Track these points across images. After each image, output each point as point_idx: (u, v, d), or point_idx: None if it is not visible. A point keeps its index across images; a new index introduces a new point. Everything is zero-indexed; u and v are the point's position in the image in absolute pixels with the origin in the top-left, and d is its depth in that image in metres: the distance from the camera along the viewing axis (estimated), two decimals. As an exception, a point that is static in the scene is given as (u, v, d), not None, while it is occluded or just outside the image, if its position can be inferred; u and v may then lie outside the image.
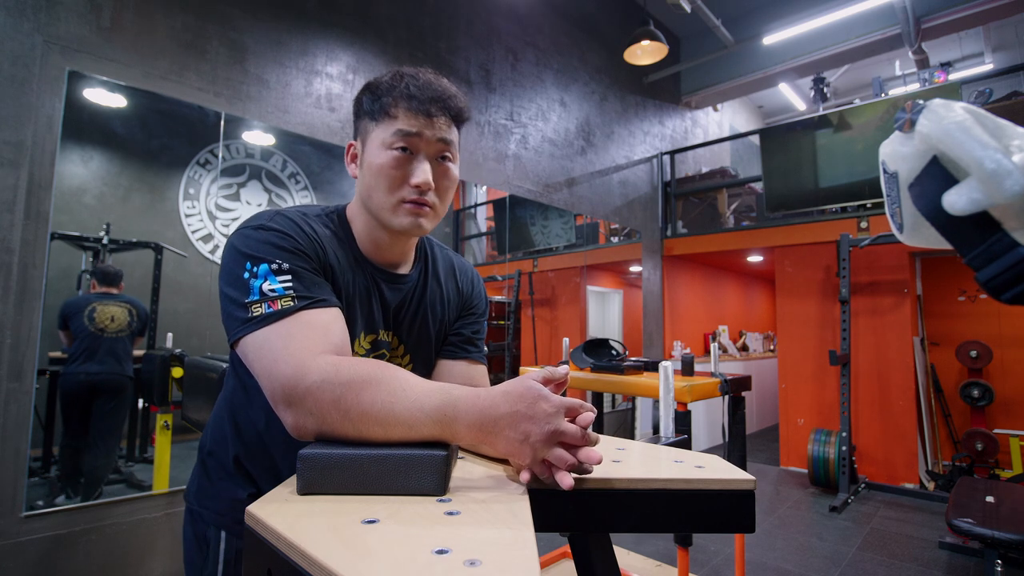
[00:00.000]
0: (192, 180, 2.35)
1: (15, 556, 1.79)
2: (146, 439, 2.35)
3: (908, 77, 6.25)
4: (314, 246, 0.71)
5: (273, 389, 0.59)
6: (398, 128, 0.71)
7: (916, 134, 0.68)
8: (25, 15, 1.89)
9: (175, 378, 2.15)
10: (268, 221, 0.69)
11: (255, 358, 0.62)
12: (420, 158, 0.73)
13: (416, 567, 0.36)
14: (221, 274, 0.68)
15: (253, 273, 0.64)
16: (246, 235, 0.68)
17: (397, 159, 0.72)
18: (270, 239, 0.67)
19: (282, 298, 0.63)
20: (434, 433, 0.55)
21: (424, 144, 0.72)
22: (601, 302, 5.47)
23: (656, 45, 3.97)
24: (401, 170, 0.72)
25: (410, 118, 0.71)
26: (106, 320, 2.18)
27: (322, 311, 0.65)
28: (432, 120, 0.72)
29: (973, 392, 4.14)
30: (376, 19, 3.03)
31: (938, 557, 2.75)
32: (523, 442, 0.53)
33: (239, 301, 0.64)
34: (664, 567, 2.31)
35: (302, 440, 0.59)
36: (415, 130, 0.71)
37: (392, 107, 0.72)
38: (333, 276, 0.73)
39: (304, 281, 0.66)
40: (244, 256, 0.66)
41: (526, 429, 0.53)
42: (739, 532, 0.62)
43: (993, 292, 0.64)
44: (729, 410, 2.41)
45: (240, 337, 0.63)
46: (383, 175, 0.72)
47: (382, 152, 0.72)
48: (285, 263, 0.65)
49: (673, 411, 1.48)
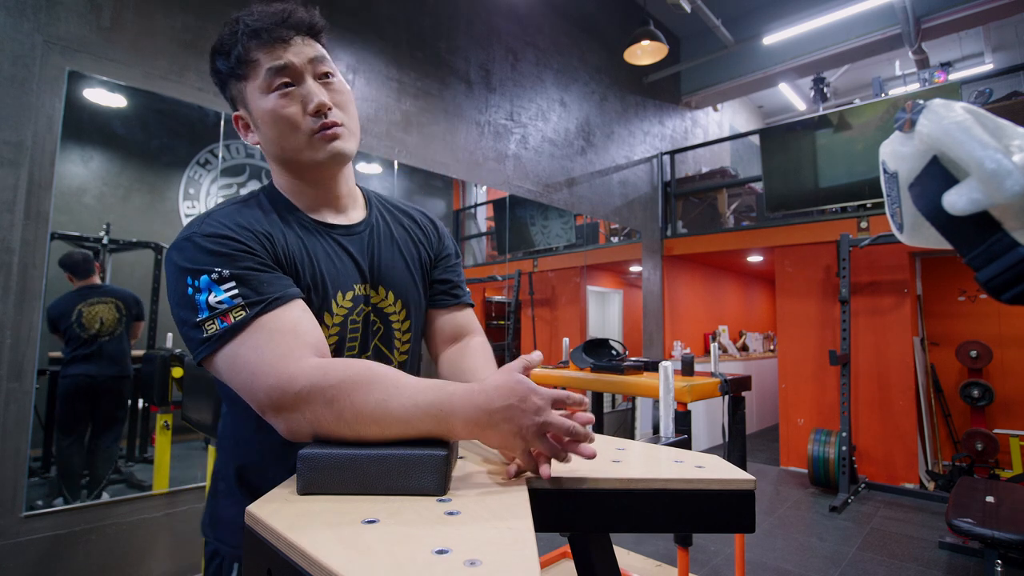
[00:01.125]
0: (192, 180, 2.35)
1: (15, 556, 1.79)
2: (146, 439, 2.35)
3: (908, 77, 6.25)
4: (253, 235, 0.67)
5: (260, 402, 0.58)
6: (267, 68, 0.68)
7: (916, 134, 0.68)
8: (25, 15, 1.89)
9: (175, 378, 2.14)
10: (199, 227, 0.65)
11: (230, 376, 0.60)
12: (304, 84, 0.70)
13: (416, 567, 0.36)
14: (168, 294, 0.65)
15: (196, 287, 0.61)
16: (181, 247, 0.64)
17: (283, 96, 0.69)
18: (205, 246, 0.63)
19: (232, 309, 0.60)
20: (430, 428, 0.55)
21: (298, 70, 0.69)
22: (601, 302, 5.47)
23: (656, 45, 3.97)
24: (293, 105, 0.69)
25: (269, 52, 0.68)
26: (95, 324, 2.15)
27: (282, 310, 0.62)
28: (290, 44, 0.69)
29: (973, 392, 4.14)
30: (376, 19, 3.03)
31: (938, 557, 2.75)
32: (516, 435, 0.55)
33: (190, 321, 0.61)
34: (664, 567, 2.31)
35: (297, 443, 0.58)
36: (284, 62, 0.68)
37: (247, 54, 0.68)
38: (285, 252, 0.70)
39: (251, 284, 0.62)
40: (183, 271, 0.62)
41: (519, 422, 0.55)
42: (739, 532, 0.62)
43: (993, 292, 0.64)
44: (729, 410, 2.41)
45: (204, 357, 0.61)
46: (279, 118, 0.69)
47: (265, 99, 0.69)
48: (225, 269, 0.62)
49: (673, 411, 1.48)
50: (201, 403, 1.59)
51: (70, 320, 2.10)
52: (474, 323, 0.91)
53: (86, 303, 2.14)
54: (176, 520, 2.16)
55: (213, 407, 1.51)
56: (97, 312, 2.16)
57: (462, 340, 0.88)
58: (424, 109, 3.25)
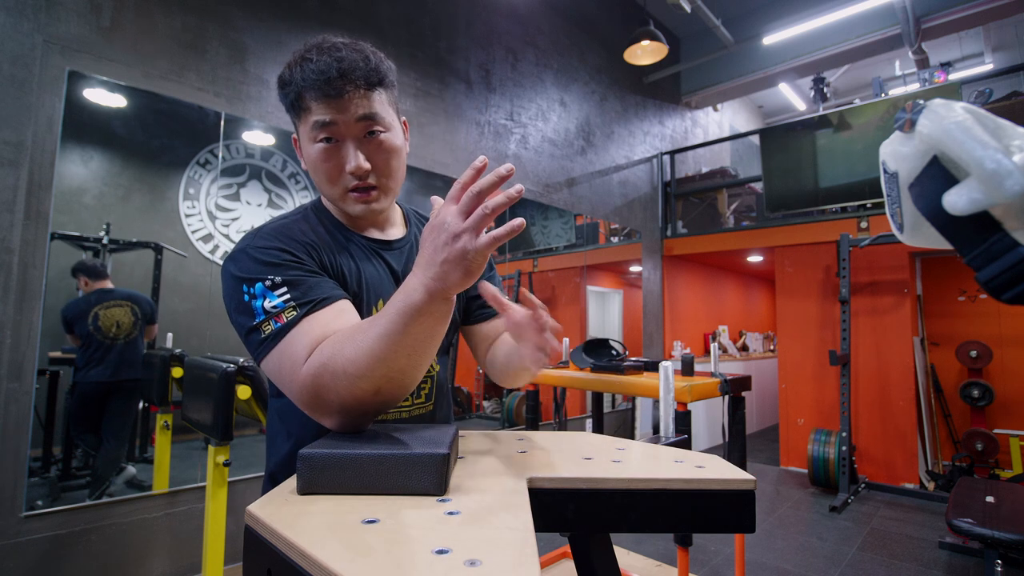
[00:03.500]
0: (192, 180, 2.35)
1: (15, 556, 1.79)
2: (146, 439, 2.34)
3: (908, 77, 6.25)
4: (303, 246, 0.71)
5: (298, 401, 0.62)
6: (314, 120, 0.69)
7: (916, 134, 0.68)
8: (25, 15, 1.89)
9: (175, 378, 2.14)
10: (252, 240, 0.70)
11: (277, 380, 0.64)
12: (346, 144, 0.70)
13: (416, 567, 0.36)
14: (226, 303, 0.69)
15: (252, 295, 0.65)
16: (236, 259, 0.69)
17: (325, 151, 0.71)
18: (258, 257, 0.68)
19: (284, 311, 0.64)
20: (414, 315, 0.54)
21: (343, 129, 0.70)
22: (601, 302, 5.47)
23: (656, 45, 3.97)
24: (332, 161, 0.71)
25: (321, 105, 0.68)
26: (112, 327, 2.16)
27: (327, 309, 0.65)
28: (345, 99, 0.68)
29: (973, 392, 4.14)
30: (376, 19, 3.03)
31: (938, 557, 2.75)
32: (461, 254, 0.51)
33: (248, 325, 0.65)
34: (664, 567, 2.31)
35: (347, 429, 0.62)
36: (329, 118, 0.69)
37: (302, 99, 0.69)
38: (332, 262, 0.74)
39: (301, 288, 0.66)
40: (239, 280, 0.67)
41: (443, 240, 0.52)
42: (739, 532, 0.62)
43: (993, 292, 0.64)
44: (729, 410, 2.41)
45: (262, 358, 0.65)
46: (318, 170, 0.73)
47: (311, 146, 0.71)
48: (278, 276, 0.66)
49: (673, 411, 1.48)
50: (201, 403, 1.59)
51: (85, 321, 2.10)
52: None
53: (102, 306, 2.15)
54: (176, 520, 2.16)
55: (213, 407, 1.51)
56: (114, 315, 2.17)
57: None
58: (424, 109, 3.25)
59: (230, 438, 1.53)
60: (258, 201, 2.55)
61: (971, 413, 4.21)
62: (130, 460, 2.31)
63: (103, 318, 2.14)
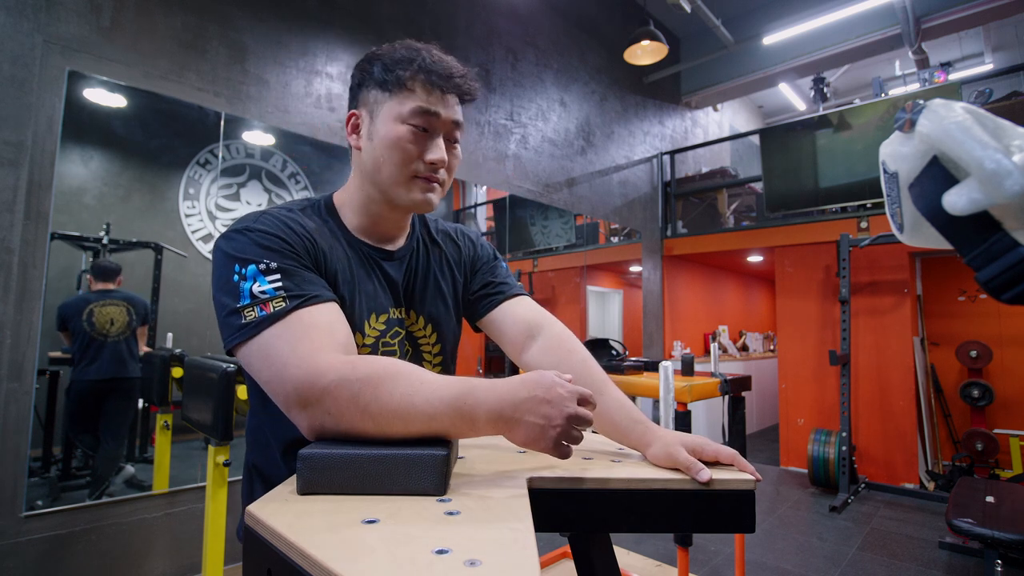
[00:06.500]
0: (192, 180, 2.35)
1: (15, 556, 1.79)
2: (146, 439, 2.34)
3: (908, 77, 6.25)
4: (303, 241, 0.70)
5: (286, 393, 0.59)
6: (417, 105, 0.71)
7: (916, 134, 0.68)
8: (25, 15, 1.89)
9: (175, 378, 2.14)
10: (254, 222, 0.68)
11: (261, 365, 0.61)
12: (436, 136, 0.74)
13: (416, 567, 0.36)
14: (213, 280, 0.67)
15: (242, 275, 0.63)
16: (232, 238, 0.67)
17: (414, 134, 0.72)
18: (257, 239, 0.66)
19: (273, 299, 0.62)
20: (455, 424, 0.55)
21: (440, 123, 0.73)
22: (601, 302, 5.47)
23: (656, 45, 3.97)
24: (417, 145, 0.73)
25: (428, 95, 0.72)
26: (106, 324, 2.17)
27: (318, 308, 0.64)
28: (446, 98, 0.73)
29: (973, 392, 4.14)
30: (376, 19, 3.03)
31: (938, 557, 2.75)
32: (544, 426, 0.54)
33: (231, 307, 0.62)
34: (664, 567, 2.31)
35: (313, 438, 0.59)
36: (433, 108, 0.72)
37: (409, 80, 0.72)
38: (327, 265, 0.72)
39: (295, 279, 0.65)
40: (232, 259, 0.65)
41: (546, 413, 0.54)
42: (739, 532, 0.62)
43: (993, 292, 0.64)
44: (729, 410, 2.41)
45: (237, 344, 0.62)
46: (398, 148, 0.72)
47: (397, 126, 0.72)
48: (273, 262, 0.64)
49: (673, 411, 1.48)
50: (201, 403, 1.59)
51: (80, 318, 2.11)
52: (540, 312, 0.88)
53: (98, 303, 2.16)
54: (176, 520, 2.16)
55: (213, 407, 1.51)
56: (108, 313, 2.17)
57: (540, 335, 0.84)
58: (424, 109, 3.24)
59: (230, 438, 1.53)
60: (258, 201, 2.55)
61: (971, 413, 4.21)
62: (130, 460, 2.32)
63: (98, 315, 2.15)
